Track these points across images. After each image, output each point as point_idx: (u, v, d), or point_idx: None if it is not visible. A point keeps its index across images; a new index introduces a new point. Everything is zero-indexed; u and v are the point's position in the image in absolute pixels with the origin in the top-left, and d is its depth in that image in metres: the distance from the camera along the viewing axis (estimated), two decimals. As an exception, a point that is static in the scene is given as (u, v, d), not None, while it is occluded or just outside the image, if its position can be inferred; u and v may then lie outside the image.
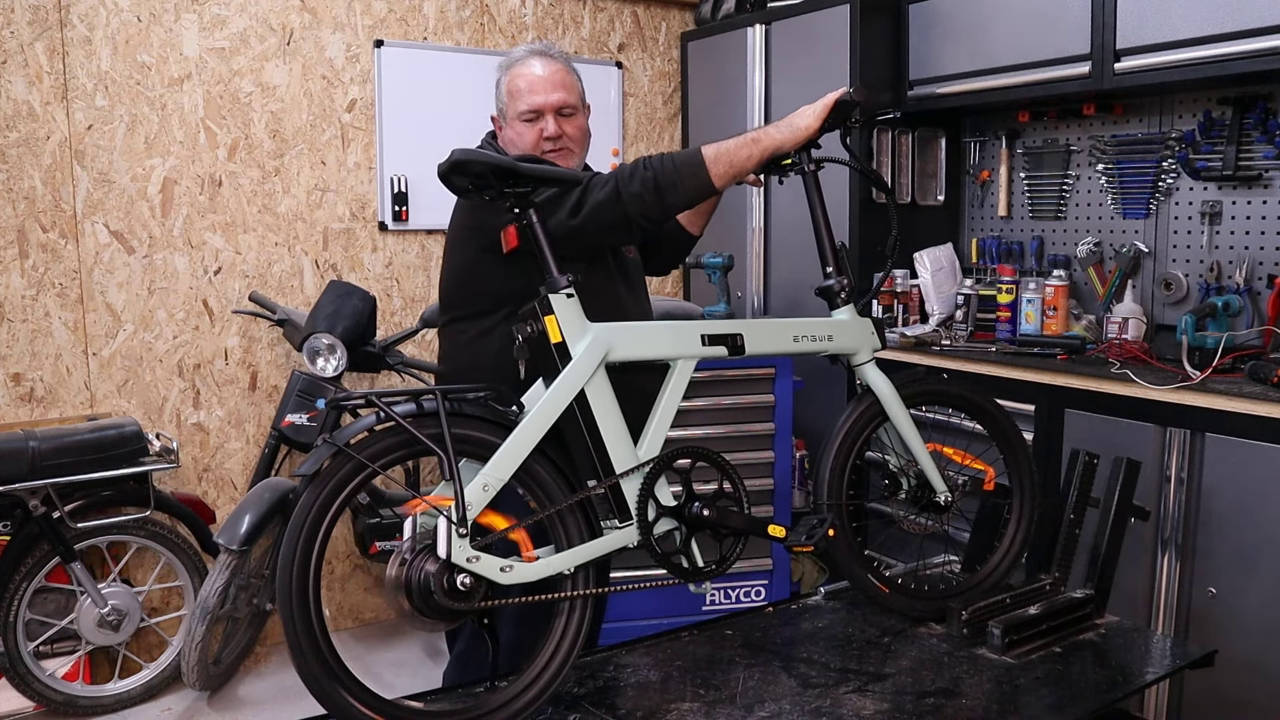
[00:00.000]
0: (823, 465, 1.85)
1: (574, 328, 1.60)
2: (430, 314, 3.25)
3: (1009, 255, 3.56)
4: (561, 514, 1.58)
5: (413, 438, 1.44)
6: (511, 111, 1.96)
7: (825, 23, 3.49)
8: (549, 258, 1.61)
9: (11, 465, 2.69)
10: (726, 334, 1.72)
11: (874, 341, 1.90)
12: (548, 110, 1.93)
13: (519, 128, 1.94)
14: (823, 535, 1.73)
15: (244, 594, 3.03)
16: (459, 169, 1.55)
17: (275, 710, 3.04)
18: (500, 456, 1.51)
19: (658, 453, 1.67)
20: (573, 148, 1.97)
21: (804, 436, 3.55)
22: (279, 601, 1.37)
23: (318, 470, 1.39)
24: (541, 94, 1.92)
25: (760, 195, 3.78)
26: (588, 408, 1.59)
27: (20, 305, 3.06)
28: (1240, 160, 2.88)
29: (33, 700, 2.89)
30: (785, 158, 1.83)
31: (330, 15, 3.47)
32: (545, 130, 1.93)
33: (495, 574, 1.46)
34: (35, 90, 3.02)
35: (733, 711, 1.53)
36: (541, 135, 1.93)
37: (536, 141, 1.92)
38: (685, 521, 1.67)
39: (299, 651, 1.36)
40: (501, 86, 1.99)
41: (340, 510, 1.41)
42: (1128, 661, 1.77)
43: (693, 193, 1.74)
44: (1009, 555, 1.98)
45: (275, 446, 3.19)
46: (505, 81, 1.98)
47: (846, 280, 1.88)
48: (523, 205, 1.62)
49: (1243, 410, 2.41)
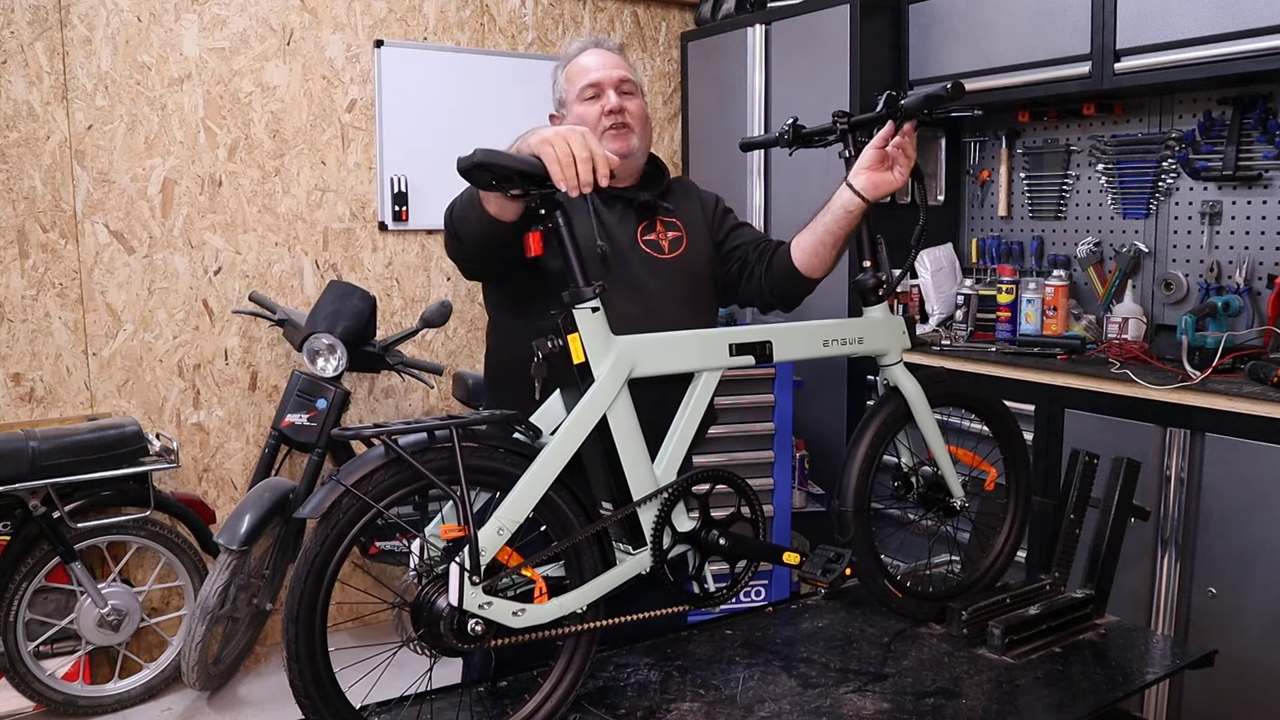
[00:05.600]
0: (849, 469, 1.78)
1: (597, 346, 1.50)
2: (430, 314, 3.25)
3: (1009, 255, 3.56)
4: (578, 547, 1.50)
5: (422, 473, 1.36)
6: (571, 94, 1.91)
7: (825, 23, 3.49)
8: (575, 265, 1.51)
9: (11, 465, 2.69)
10: (755, 342, 1.64)
11: (904, 341, 1.83)
12: (608, 85, 1.88)
13: (579, 110, 1.89)
14: (839, 574, 1.69)
15: (244, 594, 3.03)
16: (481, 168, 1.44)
17: (275, 710, 3.04)
18: (517, 496, 1.43)
19: (676, 471, 1.61)
20: (633, 125, 1.89)
21: (804, 436, 3.55)
22: (284, 647, 1.32)
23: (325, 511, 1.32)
24: (602, 70, 1.89)
25: (761, 188, 3.78)
26: (607, 431, 1.52)
27: (20, 305, 3.06)
28: (1240, 160, 2.88)
29: (33, 700, 2.89)
30: (819, 131, 1.82)
31: (330, 15, 3.47)
32: (606, 104, 1.86)
33: (507, 619, 1.41)
34: (35, 90, 3.03)
35: (733, 711, 1.53)
36: (603, 111, 1.86)
37: (598, 119, 1.86)
38: (700, 547, 1.62)
39: (305, 695, 1.33)
40: (560, 77, 1.95)
41: (348, 551, 1.34)
42: (1128, 661, 1.77)
43: (474, 225, 1.64)
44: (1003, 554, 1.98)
45: (275, 446, 3.19)
46: (564, 70, 1.95)
47: (885, 275, 1.80)
48: (549, 207, 1.52)
49: (1243, 410, 2.41)
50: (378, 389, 3.72)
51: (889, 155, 1.75)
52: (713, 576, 1.66)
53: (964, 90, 1.68)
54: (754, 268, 1.95)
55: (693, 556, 1.64)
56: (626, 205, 1.89)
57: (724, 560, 1.66)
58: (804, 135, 1.90)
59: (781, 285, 1.92)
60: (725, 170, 3.89)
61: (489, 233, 1.63)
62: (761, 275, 1.93)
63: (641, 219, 1.89)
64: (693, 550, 1.64)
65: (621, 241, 1.85)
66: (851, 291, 1.90)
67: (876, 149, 1.74)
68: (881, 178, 1.75)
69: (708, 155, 4.11)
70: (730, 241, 1.98)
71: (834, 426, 3.55)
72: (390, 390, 3.74)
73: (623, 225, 1.87)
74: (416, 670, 1.51)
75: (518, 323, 1.83)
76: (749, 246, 1.97)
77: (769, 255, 1.93)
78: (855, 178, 1.76)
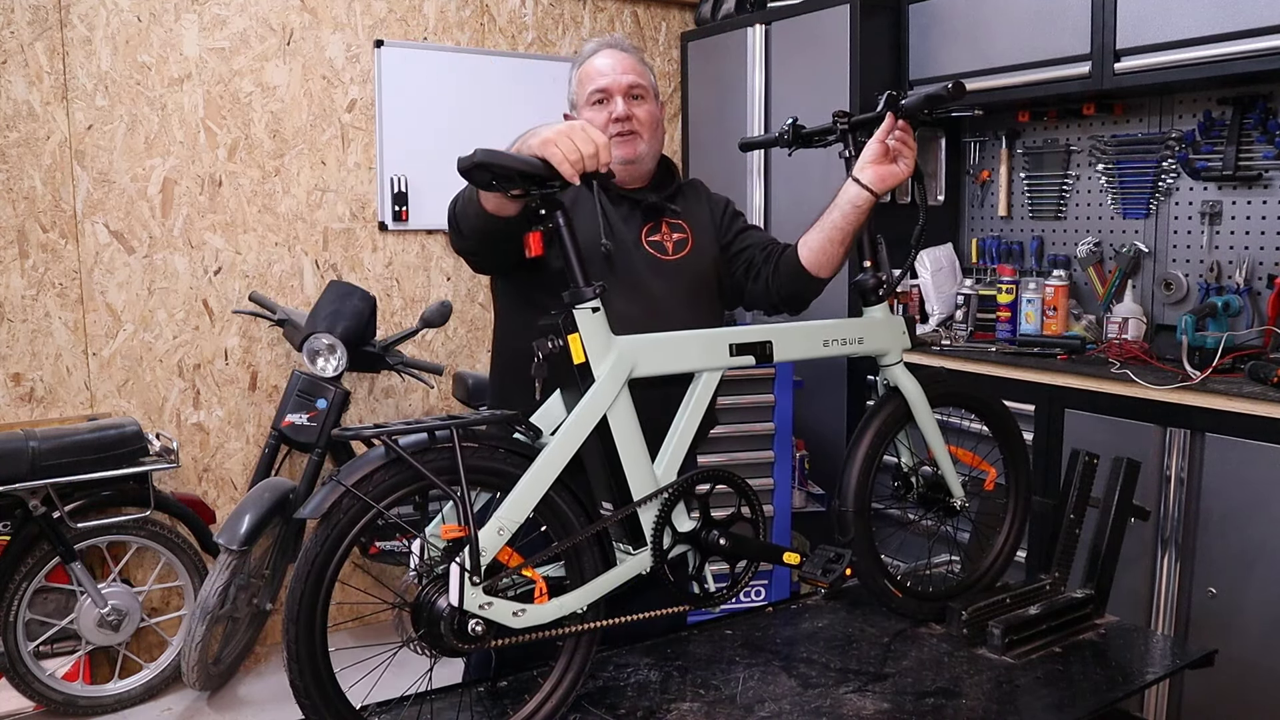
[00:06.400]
0: (849, 469, 1.78)
1: (598, 346, 1.50)
2: (430, 314, 3.25)
3: (1009, 255, 3.56)
4: (579, 547, 1.50)
5: (422, 473, 1.36)
6: (581, 98, 1.91)
7: (825, 23, 3.49)
8: (575, 265, 1.51)
9: (11, 465, 2.69)
10: (755, 342, 1.64)
11: (904, 341, 1.83)
12: (616, 91, 1.87)
13: (587, 114, 1.88)
14: (839, 575, 1.69)
15: (244, 594, 3.03)
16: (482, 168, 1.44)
17: (275, 710, 3.04)
18: (517, 496, 1.43)
19: (676, 472, 1.61)
20: (641, 131, 1.89)
21: (804, 436, 3.55)
22: (285, 647, 1.31)
23: (325, 511, 1.32)
24: (611, 75, 1.88)
25: (761, 188, 3.78)
26: (608, 431, 1.51)
27: (20, 305, 3.06)
28: (1240, 160, 2.88)
29: (33, 700, 2.89)
30: (819, 131, 1.82)
31: (330, 15, 3.47)
32: (613, 112, 1.86)
33: (508, 619, 1.41)
34: (35, 90, 3.03)
35: (733, 711, 1.53)
36: (610, 118, 1.86)
37: (605, 125, 1.86)
38: (700, 547, 1.62)
39: (305, 695, 1.33)
40: (573, 78, 1.95)
41: (348, 552, 1.34)
42: (1128, 661, 1.77)
43: (473, 220, 1.66)
44: (1003, 554, 1.98)
45: (275, 446, 3.19)
46: (577, 72, 1.94)
47: (885, 275, 1.81)
48: (550, 207, 1.52)
49: (1243, 410, 2.41)
50: (378, 389, 3.72)
51: (891, 149, 1.76)
52: (713, 576, 1.66)
53: (964, 90, 1.68)
54: (761, 269, 1.95)
55: (693, 557, 1.64)
56: (633, 206, 1.89)
57: (724, 560, 1.66)
58: (804, 135, 1.90)
59: (789, 286, 1.91)
60: (725, 170, 3.89)
61: (488, 227, 1.64)
62: (769, 276, 1.93)
63: (647, 220, 1.89)
64: (693, 550, 1.64)
65: (625, 241, 1.85)
66: (851, 291, 1.90)
67: (879, 143, 1.75)
68: (888, 170, 1.76)
69: (708, 155, 4.11)
70: (737, 244, 1.98)
71: (834, 426, 3.55)
72: (390, 390, 3.74)
73: (628, 225, 1.87)
74: (416, 670, 1.51)
75: (523, 317, 1.83)
76: (756, 249, 1.96)
77: (776, 257, 1.93)
78: (862, 172, 1.76)
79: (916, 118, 1.75)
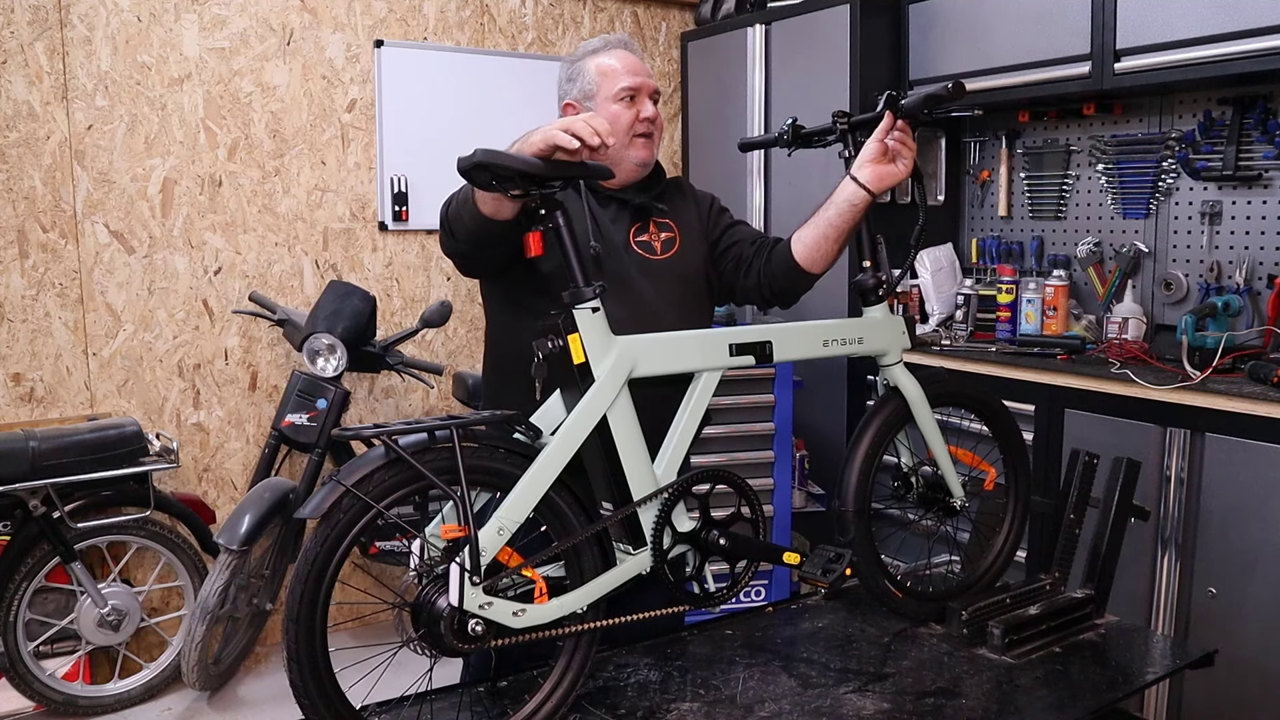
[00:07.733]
0: (849, 469, 1.78)
1: (598, 346, 1.50)
2: (430, 314, 3.25)
3: (1009, 255, 3.56)
4: (579, 547, 1.51)
5: (422, 473, 1.36)
6: (606, 91, 1.88)
7: (825, 23, 3.49)
8: (576, 265, 1.51)
9: (11, 465, 2.69)
10: (755, 342, 1.65)
11: (904, 341, 1.84)
12: (646, 92, 1.88)
13: (613, 109, 1.86)
14: (840, 575, 1.69)
15: (244, 594, 3.03)
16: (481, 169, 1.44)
17: (275, 710, 3.04)
18: (517, 496, 1.43)
19: (676, 472, 1.61)
20: (658, 135, 1.92)
21: (804, 436, 3.55)
22: (285, 647, 1.31)
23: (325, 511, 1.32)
24: (641, 75, 1.88)
25: (761, 188, 3.78)
26: (608, 431, 1.52)
27: (20, 305, 3.06)
28: (1240, 160, 2.88)
29: (33, 700, 2.89)
30: (818, 132, 1.82)
31: (330, 15, 3.47)
32: (643, 111, 1.87)
33: (508, 619, 1.41)
34: (35, 90, 3.03)
35: (733, 711, 1.53)
36: (638, 116, 1.86)
37: (633, 123, 1.86)
38: (700, 547, 1.62)
39: (305, 695, 1.33)
40: (587, 70, 1.91)
41: (348, 552, 1.34)
42: (1128, 661, 1.77)
43: (468, 222, 1.66)
44: (1003, 554, 1.98)
45: (275, 446, 3.19)
46: (592, 65, 1.91)
47: (885, 275, 1.81)
48: (549, 207, 1.52)
49: (1243, 410, 2.41)
50: (378, 389, 3.72)
51: (890, 149, 1.76)
52: (713, 576, 1.66)
53: (964, 90, 1.68)
54: (752, 263, 1.94)
55: (693, 557, 1.64)
56: (621, 207, 1.89)
57: (724, 560, 1.66)
58: (803, 135, 1.90)
59: (781, 280, 1.91)
60: (725, 170, 3.89)
61: (482, 231, 1.64)
62: (760, 270, 1.93)
63: (635, 220, 1.89)
64: (693, 550, 1.64)
65: (614, 242, 1.85)
66: (851, 291, 1.90)
67: (878, 142, 1.75)
68: (886, 169, 1.76)
69: (708, 155, 4.11)
70: (726, 240, 1.98)
71: (834, 426, 3.55)
72: (390, 390, 3.74)
73: (616, 226, 1.87)
74: (416, 670, 1.51)
75: (513, 320, 1.83)
76: (745, 243, 1.96)
77: (768, 250, 1.93)
78: (859, 171, 1.76)
79: (916, 117, 1.75)
